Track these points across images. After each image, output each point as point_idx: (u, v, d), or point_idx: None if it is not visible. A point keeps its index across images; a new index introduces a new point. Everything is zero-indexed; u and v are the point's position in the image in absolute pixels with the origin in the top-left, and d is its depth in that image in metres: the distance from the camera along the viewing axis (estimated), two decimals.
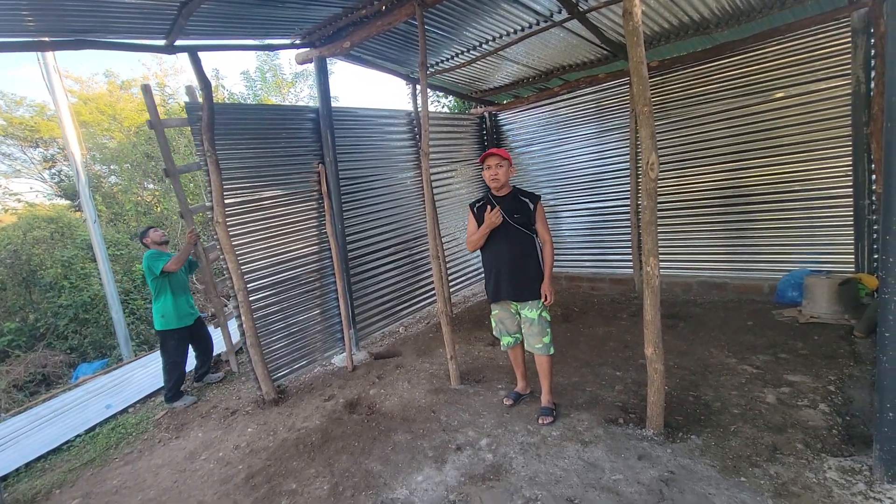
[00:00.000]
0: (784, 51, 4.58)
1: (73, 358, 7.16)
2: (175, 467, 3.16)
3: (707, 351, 3.78)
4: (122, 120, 12.38)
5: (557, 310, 5.29)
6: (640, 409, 2.92)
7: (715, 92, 5.04)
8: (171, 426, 3.82)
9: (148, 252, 4.15)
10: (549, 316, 3.00)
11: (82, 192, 6.62)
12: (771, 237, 4.92)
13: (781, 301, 4.59)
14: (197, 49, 3.77)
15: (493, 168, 2.95)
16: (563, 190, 6.45)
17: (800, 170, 4.67)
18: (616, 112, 5.79)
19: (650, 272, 2.52)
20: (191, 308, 4.34)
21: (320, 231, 4.59)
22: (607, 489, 2.30)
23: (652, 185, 2.42)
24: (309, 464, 2.90)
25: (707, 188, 5.24)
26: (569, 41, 4.88)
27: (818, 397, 2.90)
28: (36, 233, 8.05)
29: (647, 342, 2.61)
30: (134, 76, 16.55)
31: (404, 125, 5.71)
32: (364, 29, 3.93)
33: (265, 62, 14.51)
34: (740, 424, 2.70)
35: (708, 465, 2.38)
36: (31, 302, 7.58)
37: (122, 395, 4.68)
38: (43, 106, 12.08)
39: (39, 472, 3.45)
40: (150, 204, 11.52)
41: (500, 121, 7.05)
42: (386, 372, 4.17)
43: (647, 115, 2.36)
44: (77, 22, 3.15)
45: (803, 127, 4.58)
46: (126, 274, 8.48)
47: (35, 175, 12.56)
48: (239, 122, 4.07)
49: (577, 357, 3.99)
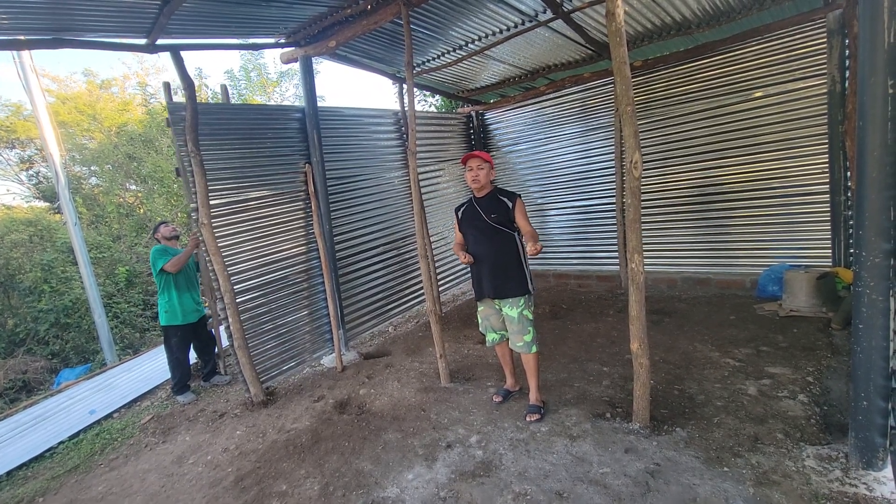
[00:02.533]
0: (762, 51, 4.69)
1: (54, 363, 7.01)
2: (162, 472, 3.12)
3: (691, 345, 3.86)
4: (103, 120, 12.13)
5: (546, 307, 5.34)
6: (626, 404, 2.98)
7: (696, 91, 5.14)
8: (157, 430, 3.77)
9: (155, 247, 4.19)
10: (530, 314, 3.02)
11: (62, 194, 6.48)
12: (751, 233, 5.04)
13: (762, 295, 4.70)
14: (179, 48, 3.72)
15: (475, 170, 3.00)
16: (550, 188, 6.51)
17: (778, 167, 4.79)
18: (601, 111, 5.86)
19: (635, 269, 2.56)
20: (197, 305, 4.34)
21: (308, 231, 4.57)
22: (595, 482, 2.34)
23: (636, 183, 2.47)
24: (299, 465, 2.89)
25: (689, 186, 5.35)
26: (554, 41, 4.93)
27: (797, 388, 2.98)
28: (14, 236, 7.86)
29: (632, 338, 2.65)
30: (114, 75, 16.25)
31: (391, 125, 5.71)
32: (350, 28, 3.92)
33: (249, 61, 14.33)
34: (723, 416, 2.77)
35: (692, 456, 2.43)
36: (9, 307, 7.39)
37: (106, 399, 4.59)
38: (19, 105, 11.79)
39: (21, 480, 3.38)
40: (132, 206, 11.32)
41: (486, 120, 7.09)
42: (376, 371, 4.18)
43: (630, 114, 2.40)
44: (53, 20, 3.08)
45: (781, 125, 4.70)
46: (109, 277, 8.33)
47: (12, 177, 12.27)
48: (224, 122, 4.03)
49: (566, 353, 4.04)
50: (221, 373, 4.70)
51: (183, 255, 4.13)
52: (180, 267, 4.11)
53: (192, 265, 4.39)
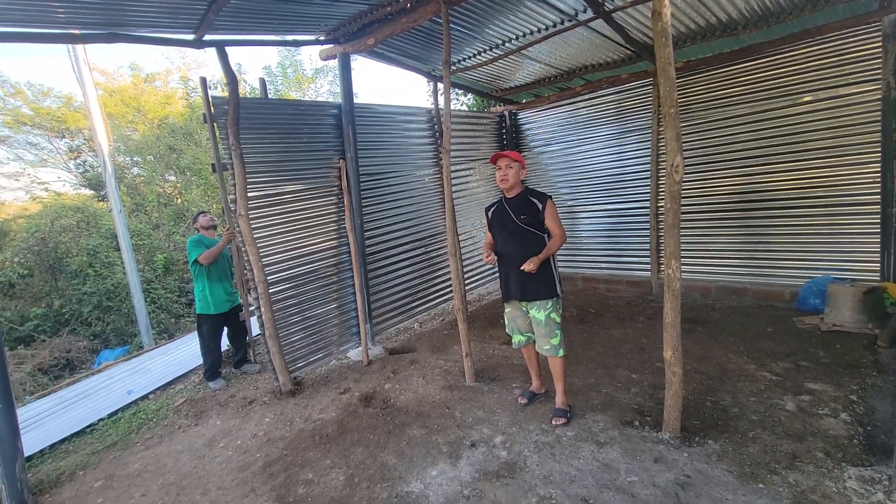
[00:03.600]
0: (813, 54, 4.50)
1: (95, 344, 7.35)
2: (194, 453, 3.23)
3: (725, 356, 3.74)
4: (146, 112, 12.64)
5: (573, 310, 5.28)
6: (656, 413, 2.91)
7: (739, 94, 4.97)
8: (190, 413, 3.90)
9: (192, 237, 4.33)
10: (558, 317, 2.98)
11: (108, 183, 6.78)
12: (793, 243, 4.83)
13: (803, 308, 4.51)
14: (224, 44, 3.84)
15: (503, 169, 2.99)
16: (582, 191, 6.41)
17: (826, 175, 4.59)
18: (637, 113, 5.74)
19: (672, 275, 2.49)
20: (229, 296, 4.46)
21: (339, 226, 4.64)
22: (622, 490, 2.30)
23: (676, 187, 2.40)
24: (325, 455, 2.95)
25: (729, 192, 5.18)
26: (592, 40, 4.85)
27: (839, 406, 2.85)
28: (63, 221, 8.27)
29: (666, 345, 2.59)
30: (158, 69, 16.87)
31: (424, 122, 5.73)
32: (388, 26, 3.96)
33: (286, 58, 14.68)
34: (759, 431, 2.67)
35: (725, 470, 2.36)
36: (56, 288, 7.78)
37: (142, 381, 4.79)
38: (70, 97, 12.38)
39: (63, 453, 3.55)
40: (170, 196, 11.75)
41: (519, 120, 7.04)
42: (401, 367, 4.21)
43: (674, 116, 2.34)
44: (107, 15, 3.20)
45: (831, 131, 4.50)
46: (148, 263, 8.67)
47: (61, 165, 12.89)
48: (263, 117, 4.13)
49: (593, 358, 3.98)
50: (252, 361, 4.82)
51: (216, 248, 4.27)
52: (212, 259, 4.24)
53: (226, 256, 4.53)
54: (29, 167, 12.22)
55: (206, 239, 4.38)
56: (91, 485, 3.01)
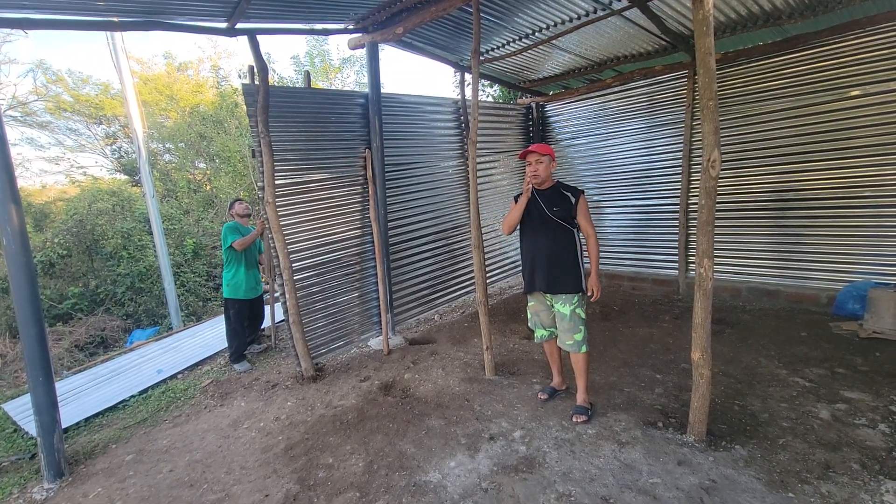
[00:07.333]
0: (863, 45, 4.26)
1: (128, 324, 7.62)
2: (219, 433, 3.32)
3: (755, 360, 3.62)
4: (179, 100, 12.95)
5: (596, 307, 5.19)
6: (680, 414, 2.84)
7: (780, 88, 4.75)
8: (216, 394, 4.01)
9: (228, 223, 4.47)
10: (583, 313, 2.93)
11: (143, 169, 6.98)
12: (833, 245, 4.62)
13: (840, 313, 4.33)
14: (256, 32, 3.88)
15: (534, 164, 2.94)
16: (609, 185, 6.28)
17: (872, 174, 4.36)
18: (670, 106, 5.57)
19: (703, 274, 2.41)
20: (257, 283, 4.64)
21: (363, 216, 4.67)
22: (644, 492, 2.25)
23: (712, 182, 2.31)
24: (345, 440, 2.99)
25: (765, 189, 4.97)
26: (626, 30, 4.70)
27: (878, 417, 2.73)
28: (99, 205, 8.56)
29: (694, 346, 2.52)
30: (190, 59, 17.23)
31: (450, 113, 5.69)
32: (417, 15, 3.92)
33: (314, 47, 14.78)
34: (790, 438, 2.58)
35: (753, 477, 2.29)
36: (92, 269, 8.09)
37: (171, 361, 4.95)
38: (107, 85, 12.78)
39: (97, 427, 3.71)
40: (200, 182, 12.03)
41: (546, 112, 6.92)
42: (421, 358, 4.23)
43: (713, 109, 2.25)
44: (145, 3, 3.27)
45: (880, 128, 4.26)
46: (178, 248, 8.91)
47: (98, 150, 13.35)
48: (291, 106, 4.16)
49: (616, 357, 3.90)
50: (257, 343, 5.05)
51: (250, 235, 4.42)
52: (246, 246, 4.41)
53: (258, 245, 4.71)
54: (69, 152, 12.73)
55: (242, 227, 4.51)
56: (123, 458, 3.13)
